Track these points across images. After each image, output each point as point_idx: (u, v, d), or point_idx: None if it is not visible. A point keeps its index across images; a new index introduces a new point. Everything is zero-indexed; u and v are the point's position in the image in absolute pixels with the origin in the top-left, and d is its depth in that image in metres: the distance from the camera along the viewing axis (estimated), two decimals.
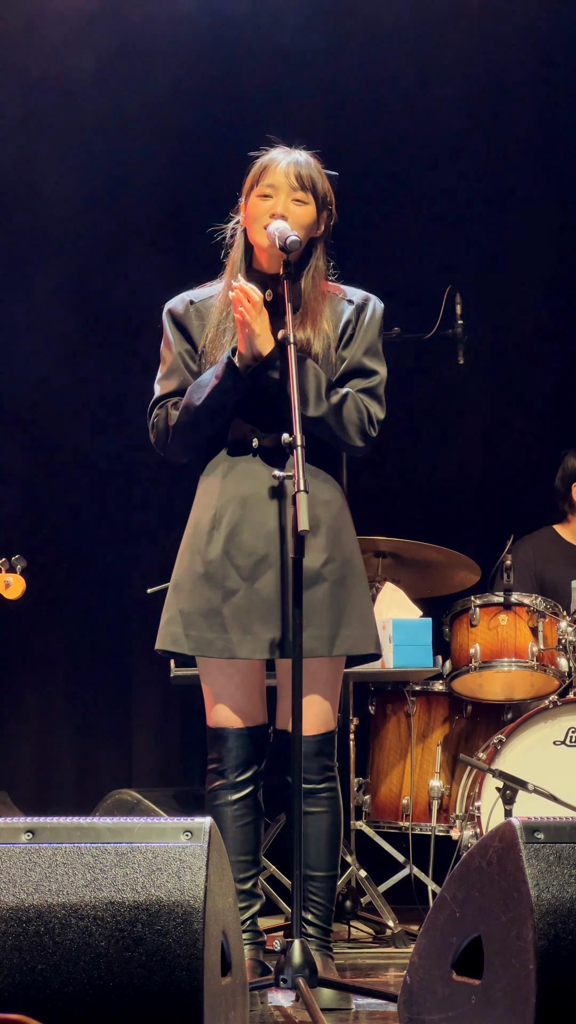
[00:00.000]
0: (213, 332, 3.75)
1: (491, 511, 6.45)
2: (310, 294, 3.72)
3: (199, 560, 3.71)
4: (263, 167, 3.74)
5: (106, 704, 6.26)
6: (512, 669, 5.13)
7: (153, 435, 3.81)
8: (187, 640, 3.70)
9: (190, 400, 3.71)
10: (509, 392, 6.52)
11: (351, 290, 3.86)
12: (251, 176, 3.76)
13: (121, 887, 2.68)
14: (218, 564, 3.69)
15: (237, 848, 3.71)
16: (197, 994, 2.62)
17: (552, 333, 6.52)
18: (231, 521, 3.69)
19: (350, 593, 3.72)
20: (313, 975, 3.37)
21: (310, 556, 3.67)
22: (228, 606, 3.67)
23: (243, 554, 3.67)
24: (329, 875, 3.75)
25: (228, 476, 3.72)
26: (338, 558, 3.71)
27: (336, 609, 3.69)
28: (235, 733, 3.73)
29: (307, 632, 3.61)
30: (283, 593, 3.65)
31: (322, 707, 3.74)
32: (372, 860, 5.30)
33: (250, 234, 3.74)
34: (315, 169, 3.76)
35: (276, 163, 3.73)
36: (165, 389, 3.80)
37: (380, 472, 6.15)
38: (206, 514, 3.73)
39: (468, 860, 2.86)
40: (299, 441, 3.43)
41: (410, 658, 5.03)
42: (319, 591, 3.68)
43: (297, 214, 3.70)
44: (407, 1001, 2.99)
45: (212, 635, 3.67)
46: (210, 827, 2.74)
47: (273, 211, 3.69)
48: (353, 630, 3.71)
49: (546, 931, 2.66)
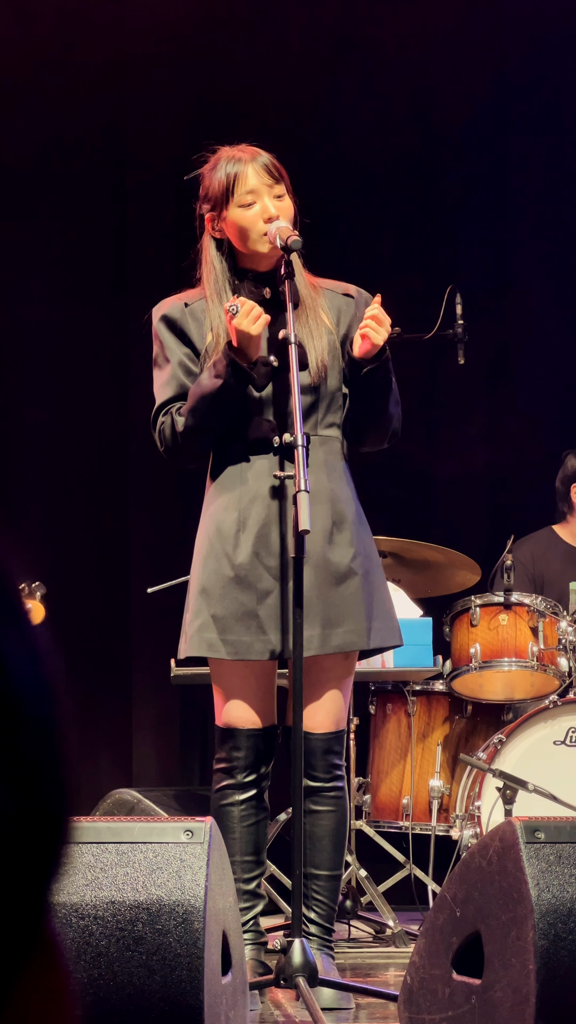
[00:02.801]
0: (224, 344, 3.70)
1: (491, 511, 6.45)
2: (302, 288, 3.71)
3: (227, 563, 3.68)
4: (232, 177, 3.67)
5: (106, 703, 6.26)
6: (512, 669, 5.13)
7: (160, 442, 3.75)
8: (224, 645, 3.66)
9: (196, 404, 3.65)
10: (509, 392, 6.52)
11: (335, 283, 3.85)
12: (219, 188, 3.68)
13: (122, 886, 2.68)
14: (249, 567, 3.66)
15: (242, 848, 3.71)
16: (197, 993, 2.62)
17: (553, 333, 6.52)
18: (258, 522, 3.67)
19: (375, 587, 3.75)
20: (313, 975, 3.37)
21: (340, 551, 3.69)
22: (263, 607, 3.65)
23: (273, 555, 3.65)
24: (333, 874, 3.76)
25: (249, 476, 3.70)
26: (363, 553, 3.74)
27: (367, 603, 3.71)
28: (246, 733, 3.72)
29: (344, 626, 3.66)
30: (316, 591, 3.66)
31: (335, 704, 3.74)
32: (372, 860, 5.30)
33: (245, 245, 3.69)
34: (274, 157, 3.73)
35: (243, 167, 3.68)
36: (167, 396, 3.74)
37: (380, 472, 6.14)
38: (228, 516, 3.69)
39: (468, 860, 2.86)
40: (300, 441, 3.43)
41: (410, 658, 5.03)
42: (351, 585, 3.69)
43: (284, 210, 3.69)
44: (407, 1001, 2.99)
45: (250, 638, 3.65)
46: (211, 827, 2.74)
47: (266, 216, 3.66)
48: (383, 623, 3.74)
49: (546, 931, 2.66)
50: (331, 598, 3.67)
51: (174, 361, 3.74)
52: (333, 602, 3.67)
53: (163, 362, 3.77)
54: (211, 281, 3.73)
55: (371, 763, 5.40)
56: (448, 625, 5.28)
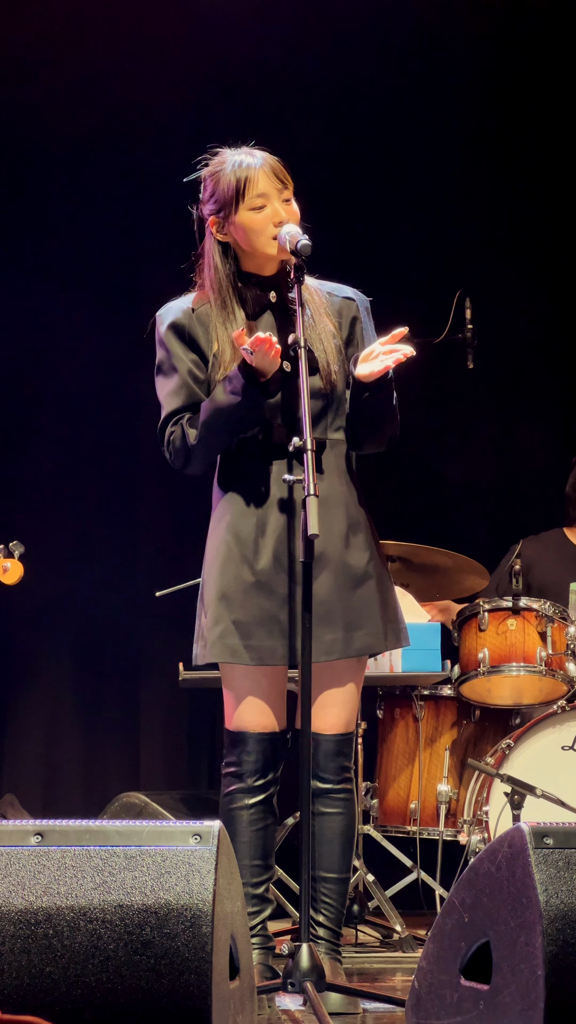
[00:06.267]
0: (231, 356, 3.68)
1: (500, 516, 6.44)
2: (307, 292, 3.70)
3: (247, 569, 3.67)
4: (243, 179, 3.65)
5: (113, 707, 6.26)
6: (520, 674, 5.13)
7: (169, 452, 3.73)
8: (248, 651, 3.65)
9: (209, 420, 3.64)
10: (519, 397, 6.51)
11: (334, 285, 3.84)
12: (229, 190, 3.66)
13: (130, 890, 2.68)
14: (271, 572, 3.65)
15: (251, 852, 3.70)
16: (205, 997, 2.61)
17: (562, 337, 6.52)
18: (276, 527, 3.66)
19: (386, 590, 3.77)
20: (321, 979, 3.37)
21: (357, 554, 3.70)
22: (286, 612, 3.65)
23: (293, 560, 3.66)
24: (341, 878, 3.75)
25: (265, 482, 3.69)
26: (375, 556, 3.75)
27: (382, 605, 3.72)
28: (256, 738, 3.72)
29: (364, 629, 3.67)
30: (339, 593, 3.65)
31: (347, 706, 3.74)
32: (380, 864, 5.29)
33: (254, 248, 3.68)
34: (279, 160, 3.73)
35: (253, 170, 3.66)
36: (175, 404, 3.72)
37: (389, 476, 6.14)
38: (246, 521, 3.68)
39: (477, 865, 2.85)
40: (310, 445, 3.42)
41: (418, 662, 5.03)
42: (368, 588, 3.70)
43: (293, 214, 3.69)
44: (415, 1006, 2.98)
45: (273, 643, 3.65)
46: (219, 831, 2.74)
47: (277, 220, 3.65)
48: (394, 624, 3.76)
49: (555, 936, 2.66)
50: (351, 601, 3.68)
51: (183, 370, 3.72)
52: (353, 605, 3.68)
53: (170, 370, 3.74)
54: (215, 286, 3.72)
55: (379, 768, 5.40)
56: (456, 630, 5.27)
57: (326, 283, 3.83)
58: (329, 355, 3.70)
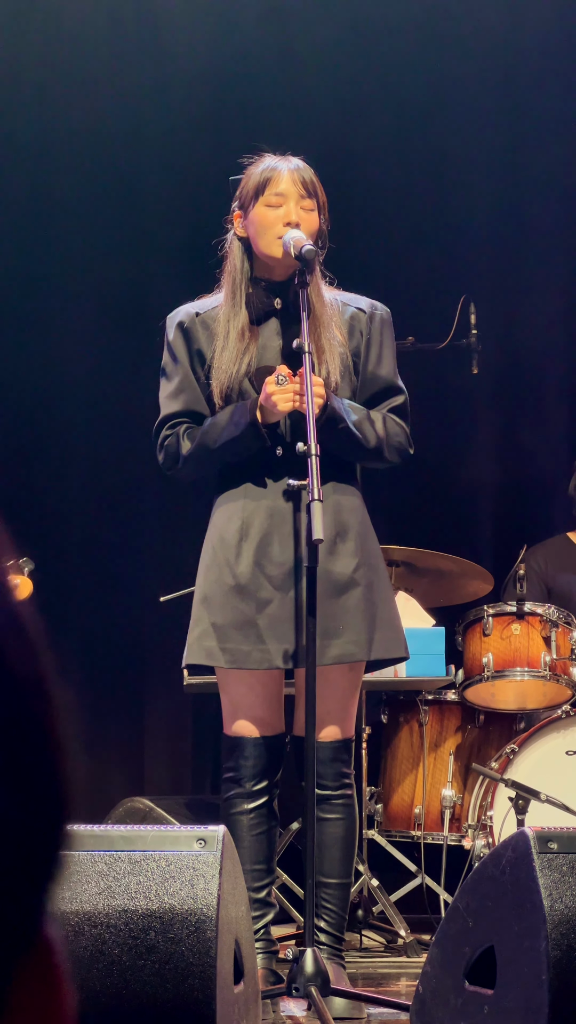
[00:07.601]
0: (231, 356, 3.71)
1: (504, 520, 6.44)
2: (316, 300, 3.70)
3: (228, 572, 3.69)
4: (267, 176, 3.69)
5: (118, 712, 6.26)
6: (525, 679, 5.12)
7: (161, 456, 3.76)
8: (223, 654, 3.67)
9: (207, 440, 3.67)
10: (523, 402, 6.51)
11: (352, 296, 3.85)
12: (252, 185, 3.70)
13: (134, 895, 2.68)
14: (250, 576, 3.66)
15: (252, 857, 3.71)
16: (209, 1002, 2.61)
17: (566, 342, 6.52)
18: (260, 531, 3.67)
19: (379, 597, 3.75)
20: (325, 984, 3.37)
21: (342, 562, 3.69)
22: (263, 617, 3.65)
23: (274, 564, 3.65)
24: (343, 883, 3.75)
25: (252, 487, 3.71)
26: (367, 563, 3.73)
27: (369, 614, 3.71)
28: (253, 742, 3.73)
29: (344, 637, 3.66)
30: (317, 601, 3.65)
31: (341, 714, 3.74)
32: (384, 869, 5.29)
33: (259, 245, 3.70)
34: (315, 175, 3.74)
35: (279, 171, 3.69)
36: (173, 409, 3.75)
37: (393, 481, 6.14)
38: (231, 525, 3.70)
39: (481, 870, 2.85)
40: (314, 450, 3.43)
41: (423, 667, 5.03)
42: (353, 596, 3.69)
43: (308, 221, 3.69)
44: (419, 1011, 2.98)
45: (248, 647, 3.66)
46: (223, 835, 2.74)
47: (287, 220, 3.66)
48: (386, 634, 3.74)
49: (559, 941, 2.66)
50: (330, 609, 3.66)
51: (183, 373, 3.75)
52: (332, 613, 3.66)
53: (172, 372, 3.78)
54: (231, 280, 3.74)
55: (383, 772, 5.40)
56: (461, 634, 5.27)
57: (345, 294, 3.84)
58: (331, 364, 3.70)
